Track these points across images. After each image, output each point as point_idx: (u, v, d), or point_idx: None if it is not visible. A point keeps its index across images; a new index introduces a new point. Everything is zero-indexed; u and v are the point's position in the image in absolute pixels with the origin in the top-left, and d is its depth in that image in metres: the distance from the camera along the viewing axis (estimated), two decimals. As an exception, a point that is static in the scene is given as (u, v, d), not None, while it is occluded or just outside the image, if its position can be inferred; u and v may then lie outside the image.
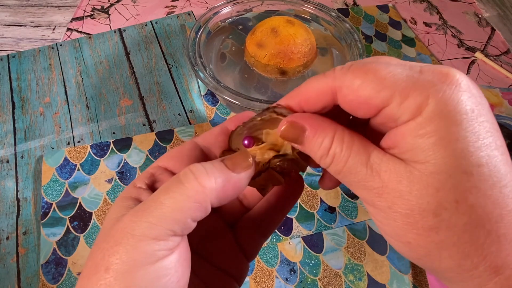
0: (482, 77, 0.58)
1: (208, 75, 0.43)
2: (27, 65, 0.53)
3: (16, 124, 0.47)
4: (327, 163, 0.16)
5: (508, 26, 0.67)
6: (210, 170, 0.16)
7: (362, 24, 0.63)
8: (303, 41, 0.46)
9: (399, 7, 0.68)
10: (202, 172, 0.16)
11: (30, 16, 0.61)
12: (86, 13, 0.62)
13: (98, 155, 0.44)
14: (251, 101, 0.40)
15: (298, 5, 0.53)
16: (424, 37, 0.63)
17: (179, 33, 0.58)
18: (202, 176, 0.16)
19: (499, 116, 0.53)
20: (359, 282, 0.37)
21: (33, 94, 0.50)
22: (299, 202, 0.42)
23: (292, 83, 0.47)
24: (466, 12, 0.69)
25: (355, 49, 0.47)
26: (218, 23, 0.51)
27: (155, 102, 0.50)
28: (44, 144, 0.45)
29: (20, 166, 0.43)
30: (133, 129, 0.47)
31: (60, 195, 0.41)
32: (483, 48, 0.62)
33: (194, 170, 0.16)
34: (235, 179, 0.16)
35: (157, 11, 0.63)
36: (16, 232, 0.39)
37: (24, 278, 0.36)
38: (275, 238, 0.39)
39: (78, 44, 0.56)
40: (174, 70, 0.54)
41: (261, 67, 0.46)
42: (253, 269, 0.37)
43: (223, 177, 0.16)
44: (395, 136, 0.15)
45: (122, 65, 0.54)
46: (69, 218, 0.39)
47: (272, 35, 0.45)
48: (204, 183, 0.15)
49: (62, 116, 0.48)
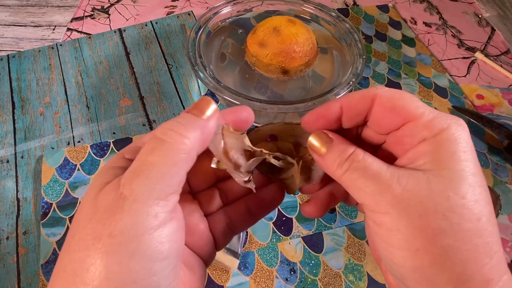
0: (482, 77, 0.58)
1: (208, 75, 0.43)
2: (27, 65, 0.53)
3: (16, 124, 0.47)
4: (344, 168, 0.18)
5: (508, 26, 0.67)
6: (185, 123, 0.17)
7: (362, 24, 0.63)
8: (305, 40, 0.46)
9: (399, 7, 0.68)
10: (180, 126, 0.16)
11: (30, 16, 0.61)
12: (86, 13, 0.62)
13: (98, 155, 0.44)
14: (251, 101, 0.40)
15: (298, 5, 0.53)
16: (424, 37, 0.63)
17: (179, 33, 0.58)
18: (183, 130, 0.16)
19: (499, 116, 0.53)
20: (359, 282, 0.37)
21: (33, 94, 0.50)
22: (299, 202, 0.42)
23: (292, 82, 0.47)
24: (466, 12, 0.69)
25: (355, 49, 0.47)
26: (218, 23, 0.51)
27: (155, 102, 0.50)
28: (44, 144, 0.45)
29: (20, 166, 0.43)
30: (133, 129, 0.47)
31: (60, 195, 0.41)
32: (483, 48, 0.62)
33: (172, 127, 0.16)
34: (208, 124, 0.17)
35: (157, 11, 0.63)
36: (16, 232, 0.39)
37: (24, 278, 0.36)
38: (275, 238, 0.39)
39: (78, 44, 0.56)
40: (174, 70, 0.54)
41: (263, 67, 0.46)
42: (253, 269, 0.37)
43: (198, 125, 0.17)
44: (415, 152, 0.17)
45: (122, 65, 0.54)
46: (69, 218, 0.39)
47: (274, 35, 0.45)
48: (188, 135, 0.16)
49: (62, 116, 0.48)
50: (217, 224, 0.21)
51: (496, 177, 0.46)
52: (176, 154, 0.16)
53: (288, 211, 0.41)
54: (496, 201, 0.42)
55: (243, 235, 0.39)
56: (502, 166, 0.47)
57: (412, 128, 0.17)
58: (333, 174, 0.19)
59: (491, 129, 0.49)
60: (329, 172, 0.19)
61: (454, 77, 0.57)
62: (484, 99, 0.55)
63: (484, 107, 0.54)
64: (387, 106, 0.18)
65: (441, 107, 0.53)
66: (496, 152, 0.48)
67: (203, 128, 0.17)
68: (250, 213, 0.22)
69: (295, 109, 0.40)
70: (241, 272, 0.37)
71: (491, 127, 0.48)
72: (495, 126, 0.48)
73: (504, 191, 0.44)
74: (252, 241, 0.39)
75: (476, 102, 0.54)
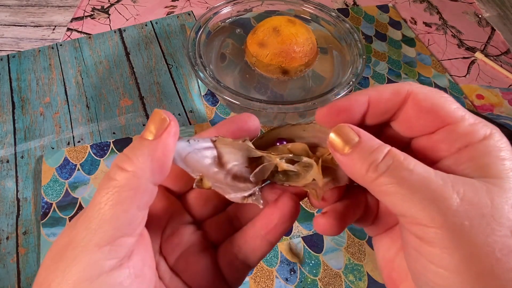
0: (482, 77, 0.58)
1: (208, 75, 0.43)
2: (27, 65, 0.53)
3: (16, 124, 0.47)
4: (380, 171, 0.14)
5: (508, 26, 0.67)
6: (130, 152, 0.15)
7: (362, 24, 0.63)
8: (305, 40, 0.46)
9: (399, 7, 0.68)
10: (124, 158, 0.15)
11: (30, 16, 0.61)
12: (86, 13, 0.62)
13: (98, 155, 0.44)
14: (251, 101, 0.40)
15: (298, 5, 0.53)
16: (424, 37, 0.63)
17: (179, 33, 0.58)
18: (125, 162, 0.14)
19: (499, 116, 0.53)
20: (359, 282, 0.37)
21: (33, 94, 0.50)
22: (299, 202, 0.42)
23: (293, 82, 0.47)
24: (466, 12, 0.69)
25: (355, 49, 0.47)
26: (218, 23, 0.51)
27: (155, 102, 0.50)
28: (44, 144, 0.45)
29: (20, 166, 0.43)
30: (133, 129, 0.47)
31: (60, 195, 0.41)
32: (483, 48, 0.62)
33: (117, 161, 0.15)
34: (158, 145, 0.15)
35: (157, 11, 0.63)
36: (16, 232, 0.39)
37: (24, 278, 0.36)
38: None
39: (78, 44, 0.56)
40: (174, 70, 0.54)
41: (262, 67, 0.46)
42: (253, 269, 0.37)
43: (145, 150, 0.15)
44: (457, 158, 0.15)
45: (122, 65, 0.54)
46: (69, 218, 0.39)
47: (273, 35, 0.45)
48: (129, 168, 0.14)
49: (62, 116, 0.48)
50: (226, 257, 0.19)
51: (496, 177, 0.46)
52: (119, 191, 0.14)
53: (288, 211, 0.41)
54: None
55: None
56: (502, 166, 0.47)
57: (452, 132, 0.15)
58: (361, 178, 0.15)
59: (491, 129, 0.49)
60: (356, 176, 0.15)
61: (454, 77, 0.57)
62: (484, 99, 0.55)
63: (484, 107, 0.54)
64: (424, 105, 0.16)
65: (441, 107, 0.53)
66: (496, 152, 0.48)
67: (153, 152, 0.15)
68: (262, 238, 0.18)
69: (295, 109, 0.40)
70: (241, 272, 0.37)
71: (491, 127, 0.48)
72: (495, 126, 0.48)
73: (504, 191, 0.44)
74: (252, 241, 0.39)
75: (476, 102, 0.54)
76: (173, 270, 0.18)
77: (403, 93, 0.16)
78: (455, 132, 0.15)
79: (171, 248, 0.17)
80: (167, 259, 0.17)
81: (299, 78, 0.47)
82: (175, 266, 0.18)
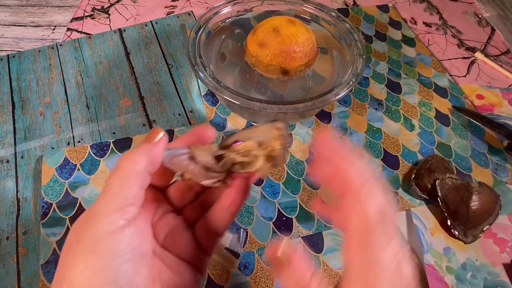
0: (482, 77, 0.58)
1: (208, 75, 0.43)
2: (27, 65, 0.53)
3: (16, 124, 0.47)
4: None
5: (508, 26, 0.67)
6: (135, 150, 0.21)
7: (362, 24, 0.63)
8: (305, 40, 0.46)
9: (399, 7, 0.68)
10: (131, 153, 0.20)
11: (30, 16, 0.61)
12: (86, 13, 0.62)
13: (98, 155, 0.44)
14: (251, 101, 0.40)
15: (298, 5, 0.53)
16: (424, 37, 0.63)
17: (179, 33, 0.58)
18: (131, 155, 0.20)
19: (499, 116, 0.53)
20: (359, 282, 0.37)
21: (33, 94, 0.50)
22: (299, 202, 0.42)
23: (293, 83, 0.47)
24: (466, 12, 0.69)
25: (355, 49, 0.47)
26: (218, 23, 0.51)
27: (155, 102, 0.50)
28: (44, 144, 0.45)
29: (20, 166, 0.43)
30: (133, 129, 0.47)
31: (60, 195, 0.41)
32: (483, 48, 0.62)
33: (125, 155, 0.20)
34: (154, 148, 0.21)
35: (157, 11, 0.63)
36: (16, 232, 0.39)
37: (24, 278, 0.36)
38: (275, 238, 0.39)
39: (78, 44, 0.56)
40: (174, 70, 0.54)
41: (262, 67, 0.46)
42: (253, 269, 0.37)
43: (145, 149, 0.21)
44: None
45: (122, 65, 0.54)
46: (69, 218, 0.39)
47: (273, 35, 0.45)
48: (135, 159, 0.20)
49: (62, 116, 0.48)
50: (201, 231, 0.25)
51: (496, 177, 0.46)
52: (126, 175, 0.20)
53: (288, 211, 0.41)
54: (496, 201, 0.42)
55: (243, 235, 0.39)
56: (502, 166, 0.47)
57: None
58: None
59: (491, 129, 0.49)
60: None
61: (454, 77, 0.57)
62: (484, 99, 0.55)
63: (484, 107, 0.54)
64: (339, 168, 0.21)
65: (441, 107, 0.53)
66: (496, 152, 0.48)
67: (150, 151, 0.21)
68: (226, 211, 0.25)
69: (295, 109, 0.40)
70: (241, 272, 0.37)
71: (491, 127, 0.48)
72: (495, 126, 0.48)
73: (504, 191, 0.44)
74: (252, 241, 0.39)
75: (476, 102, 0.54)
76: (163, 247, 0.23)
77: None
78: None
79: (160, 230, 0.23)
80: (157, 239, 0.23)
81: (299, 78, 0.47)
82: (164, 243, 0.23)
